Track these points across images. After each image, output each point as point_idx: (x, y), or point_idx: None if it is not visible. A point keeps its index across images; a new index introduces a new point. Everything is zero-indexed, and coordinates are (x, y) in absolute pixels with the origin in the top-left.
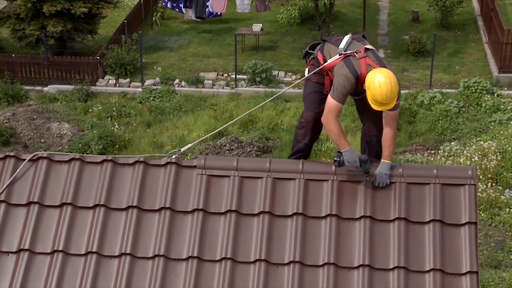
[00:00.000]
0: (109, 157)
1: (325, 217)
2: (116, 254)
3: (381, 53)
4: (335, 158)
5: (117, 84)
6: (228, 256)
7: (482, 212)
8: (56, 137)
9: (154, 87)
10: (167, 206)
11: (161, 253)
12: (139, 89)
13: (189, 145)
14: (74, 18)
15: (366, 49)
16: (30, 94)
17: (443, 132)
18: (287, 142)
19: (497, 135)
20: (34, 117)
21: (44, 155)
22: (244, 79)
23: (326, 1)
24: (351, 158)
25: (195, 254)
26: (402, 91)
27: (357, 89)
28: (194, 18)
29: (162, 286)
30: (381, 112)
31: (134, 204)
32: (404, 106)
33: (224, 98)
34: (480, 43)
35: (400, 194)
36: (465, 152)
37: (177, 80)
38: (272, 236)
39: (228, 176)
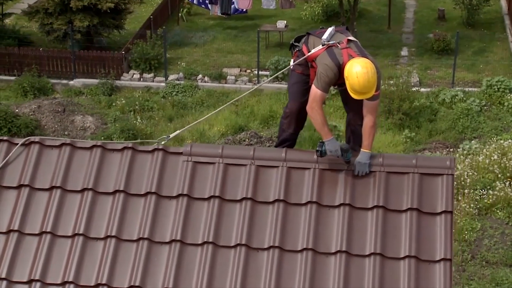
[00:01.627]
0: (99, 143)
1: (305, 204)
2: (102, 236)
3: (404, 51)
4: (317, 148)
5: (141, 79)
6: (210, 240)
7: (500, 211)
8: (80, 129)
9: (178, 82)
10: (153, 191)
11: (145, 236)
12: (163, 84)
13: (178, 131)
14: (100, 13)
15: (349, 41)
16: (56, 88)
17: (464, 130)
18: (306, 138)
19: None
20: (59, 109)
21: (36, 140)
22: (267, 75)
23: None
24: (333, 148)
25: (178, 238)
26: (424, 89)
27: (340, 80)
28: (220, 14)
29: (145, 268)
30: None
31: (121, 188)
32: (425, 104)
33: (246, 94)
34: (506, 42)
35: (380, 183)
36: (484, 150)
37: (200, 76)
38: (253, 221)
39: (213, 163)
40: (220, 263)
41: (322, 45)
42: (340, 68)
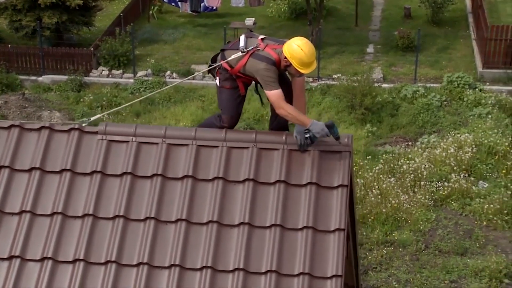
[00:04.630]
0: (17, 123)
1: (212, 179)
2: (17, 211)
3: (370, 48)
4: (306, 136)
5: (110, 75)
6: (121, 214)
7: (454, 202)
8: None
9: (146, 78)
10: (67, 168)
11: (59, 211)
12: (131, 80)
13: (99, 115)
14: (69, 10)
15: (262, 39)
16: (25, 84)
17: (424, 125)
18: None
19: (475, 128)
20: (26, 105)
21: None
22: None
23: None
24: (319, 129)
25: (91, 212)
26: (387, 85)
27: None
28: (190, 12)
29: (58, 242)
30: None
31: (37, 166)
32: (387, 100)
33: (213, 90)
34: (469, 40)
35: (282, 160)
36: (441, 144)
37: (168, 72)
38: (163, 196)
39: (127, 142)
40: (130, 235)
41: (242, 53)
42: (275, 64)
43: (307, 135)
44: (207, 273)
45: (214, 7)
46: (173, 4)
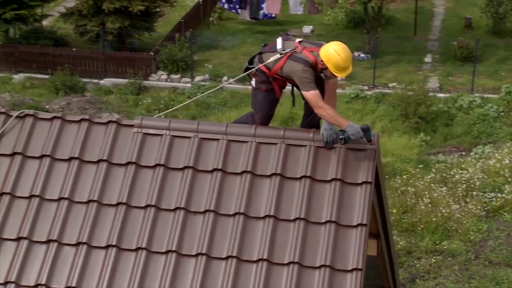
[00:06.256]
0: (58, 115)
1: (241, 173)
2: (56, 198)
3: (428, 58)
4: (340, 136)
5: (169, 79)
6: (153, 203)
7: (507, 214)
8: None
9: (203, 83)
10: (104, 158)
11: (95, 198)
12: (189, 85)
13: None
14: (132, 16)
15: (299, 42)
16: (87, 86)
17: (479, 135)
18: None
19: None
20: (87, 107)
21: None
22: None
23: (373, 5)
24: (355, 131)
25: (124, 201)
26: (443, 95)
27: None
28: (249, 19)
29: (93, 228)
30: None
31: (76, 156)
32: (442, 109)
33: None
34: None
35: (309, 156)
36: (496, 155)
37: (225, 77)
38: (193, 188)
39: (161, 135)
40: (160, 224)
41: (280, 55)
42: (312, 66)
43: (342, 136)
44: (232, 263)
45: (273, 15)
46: (233, 11)
